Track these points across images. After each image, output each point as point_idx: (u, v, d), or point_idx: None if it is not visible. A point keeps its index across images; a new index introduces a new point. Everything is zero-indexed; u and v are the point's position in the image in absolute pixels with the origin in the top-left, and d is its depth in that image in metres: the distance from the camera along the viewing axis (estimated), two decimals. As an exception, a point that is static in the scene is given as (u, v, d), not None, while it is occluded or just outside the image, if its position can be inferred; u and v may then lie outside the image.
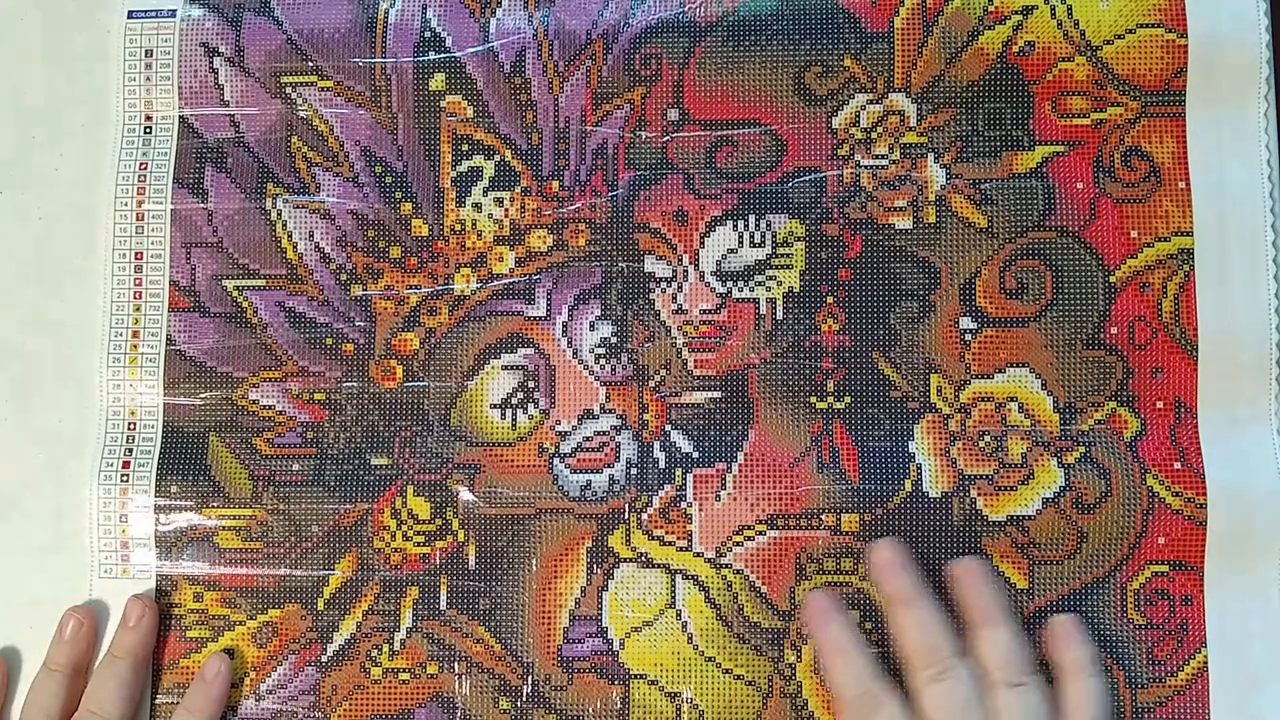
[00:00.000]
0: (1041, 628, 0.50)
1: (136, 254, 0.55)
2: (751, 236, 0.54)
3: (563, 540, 0.53)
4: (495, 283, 0.54)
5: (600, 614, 0.53)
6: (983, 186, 0.53)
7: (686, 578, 0.53)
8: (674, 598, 0.53)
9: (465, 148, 0.55)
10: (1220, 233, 0.52)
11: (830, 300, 0.53)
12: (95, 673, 0.52)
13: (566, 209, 0.54)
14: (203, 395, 0.54)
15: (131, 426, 0.54)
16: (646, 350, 0.54)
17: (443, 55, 0.55)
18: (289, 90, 0.56)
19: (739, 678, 0.52)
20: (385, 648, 0.53)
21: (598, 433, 0.53)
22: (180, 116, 0.56)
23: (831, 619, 0.50)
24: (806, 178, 0.54)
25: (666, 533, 0.53)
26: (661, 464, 0.53)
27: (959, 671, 0.48)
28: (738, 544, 0.52)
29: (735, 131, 0.54)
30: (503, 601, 0.53)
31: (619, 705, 0.52)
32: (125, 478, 0.54)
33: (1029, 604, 0.51)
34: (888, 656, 0.51)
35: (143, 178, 0.56)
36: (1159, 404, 0.52)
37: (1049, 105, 0.53)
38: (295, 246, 0.55)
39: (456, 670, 0.53)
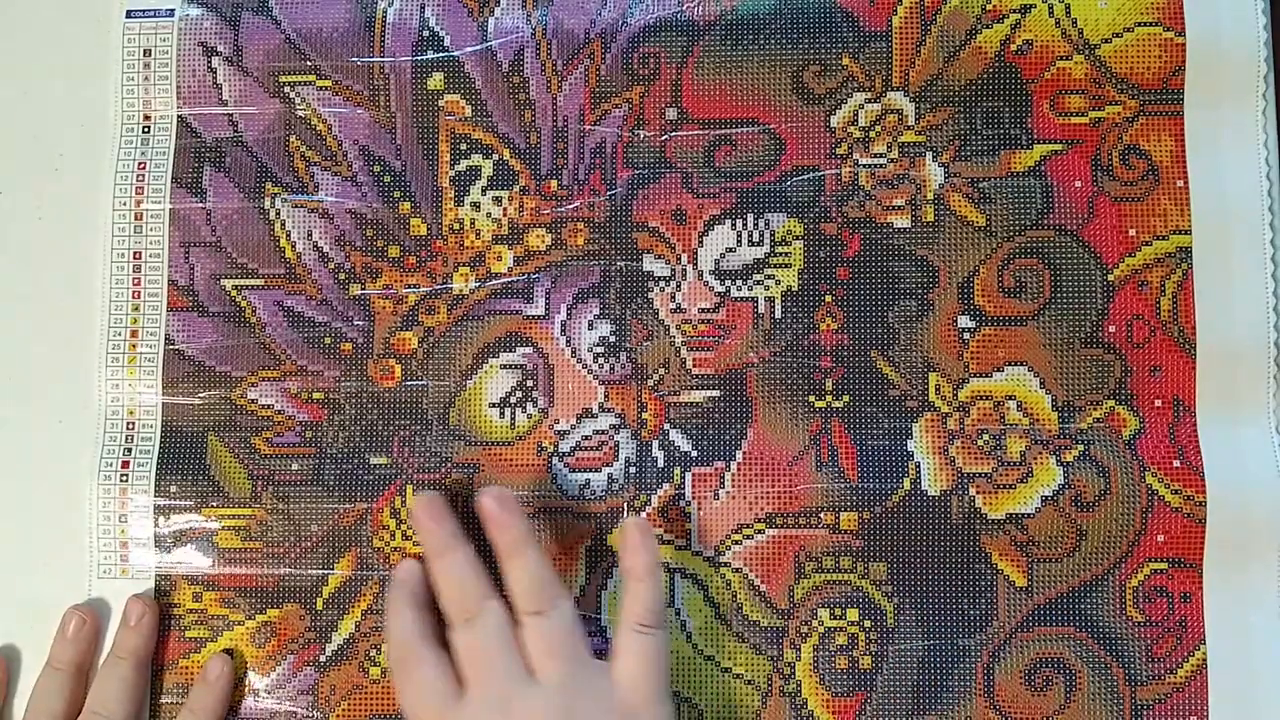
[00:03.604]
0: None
1: (135, 253, 0.55)
2: (750, 235, 0.54)
3: (562, 539, 0.53)
4: (494, 282, 0.54)
5: (600, 613, 0.53)
6: (981, 185, 0.53)
7: (685, 576, 0.53)
8: (673, 596, 0.53)
9: (464, 147, 0.55)
10: (1219, 231, 0.52)
11: (829, 299, 0.53)
12: (99, 673, 0.52)
13: (565, 208, 0.54)
14: (201, 395, 0.54)
15: (130, 426, 0.55)
16: (645, 349, 0.54)
17: (441, 54, 0.55)
18: (287, 89, 0.56)
19: (738, 676, 0.52)
20: (384, 647, 0.53)
21: (596, 432, 0.53)
22: (179, 116, 0.56)
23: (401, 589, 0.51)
24: (805, 176, 0.54)
25: (665, 531, 0.53)
26: (660, 463, 0.53)
27: (488, 612, 0.48)
28: (736, 543, 0.52)
29: (733, 130, 0.54)
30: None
31: (618, 704, 0.52)
32: (125, 478, 0.54)
33: (1028, 602, 0.51)
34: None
35: (141, 177, 0.56)
36: (1157, 402, 0.52)
37: (1047, 104, 0.53)
38: (294, 246, 0.55)
39: (456, 669, 0.53)
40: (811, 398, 0.53)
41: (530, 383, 0.54)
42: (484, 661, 0.47)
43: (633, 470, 0.53)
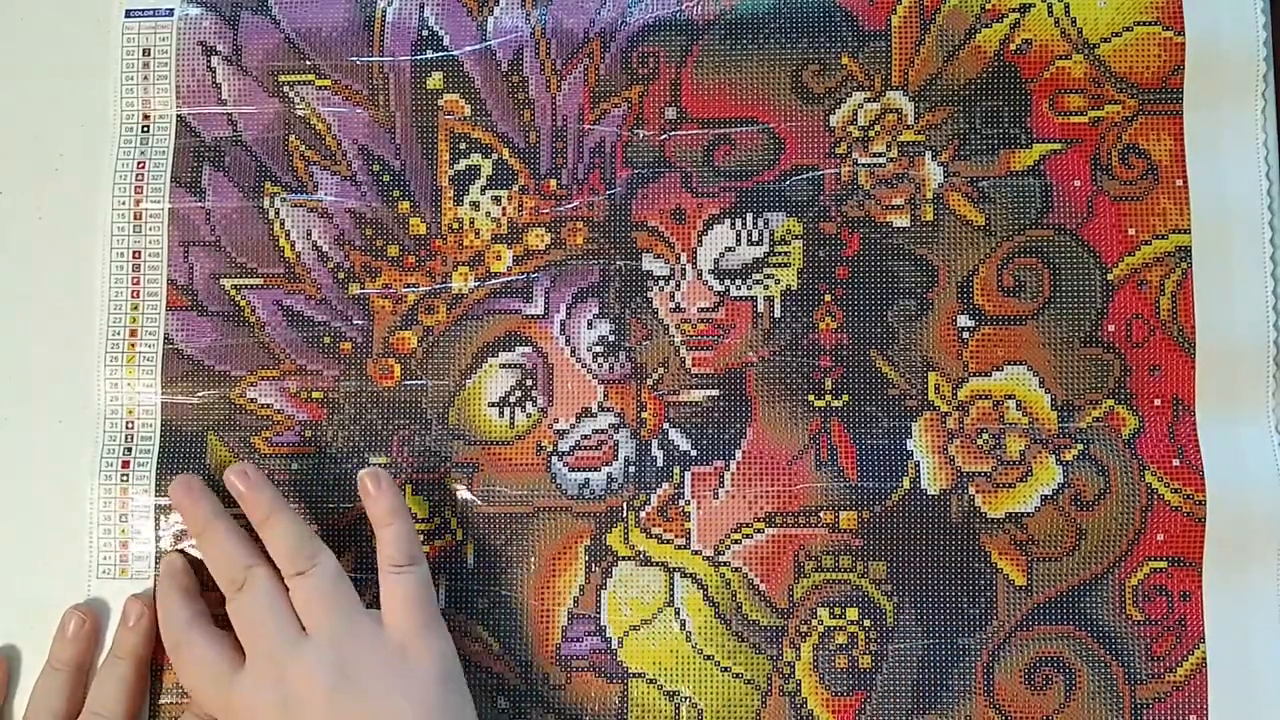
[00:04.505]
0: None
1: (134, 253, 0.55)
2: (749, 235, 0.54)
3: (561, 539, 0.53)
4: (493, 281, 0.54)
5: (599, 612, 0.53)
6: (980, 184, 0.53)
7: (685, 576, 0.53)
8: (672, 596, 0.53)
9: (463, 146, 0.55)
10: (1218, 230, 0.52)
11: (828, 298, 0.53)
12: (98, 673, 0.52)
13: (564, 207, 0.54)
14: (201, 394, 0.54)
15: (130, 426, 0.54)
16: (645, 348, 0.54)
17: (440, 54, 0.55)
18: (287, 89, 0.56)
19: (737, 676, 0.52)
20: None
21: (596, 431, 0.53)
22: (178, 115, 0.56)
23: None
24: (804, 176, 0.54)
25: (665, 531, 0.53)
26: (660, 462, 0.53)
27: (254, 578, 0.49)
28: (736, 542, 0.52)
29: (733, 130, 0.54)
30: (501, 600, 0.53)
31: (617, 704, 0.52)
32: (125, 477, 0.54)
33: (1028, 601, 0.51)
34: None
35: (140, 177, 0.56)
36: (1156, 401, 0.52)
37: (1046, 103, 0.53)
38: (293, 245, 0.55)
39: (455, 669, 0.53)
40: (811, 397, 0.53)
41: (529, 382, 0.54)
42: (255, 626, 0.49)
43: (632, 469, 0.53)
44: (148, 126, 0.56)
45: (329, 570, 0.49)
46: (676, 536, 0.53)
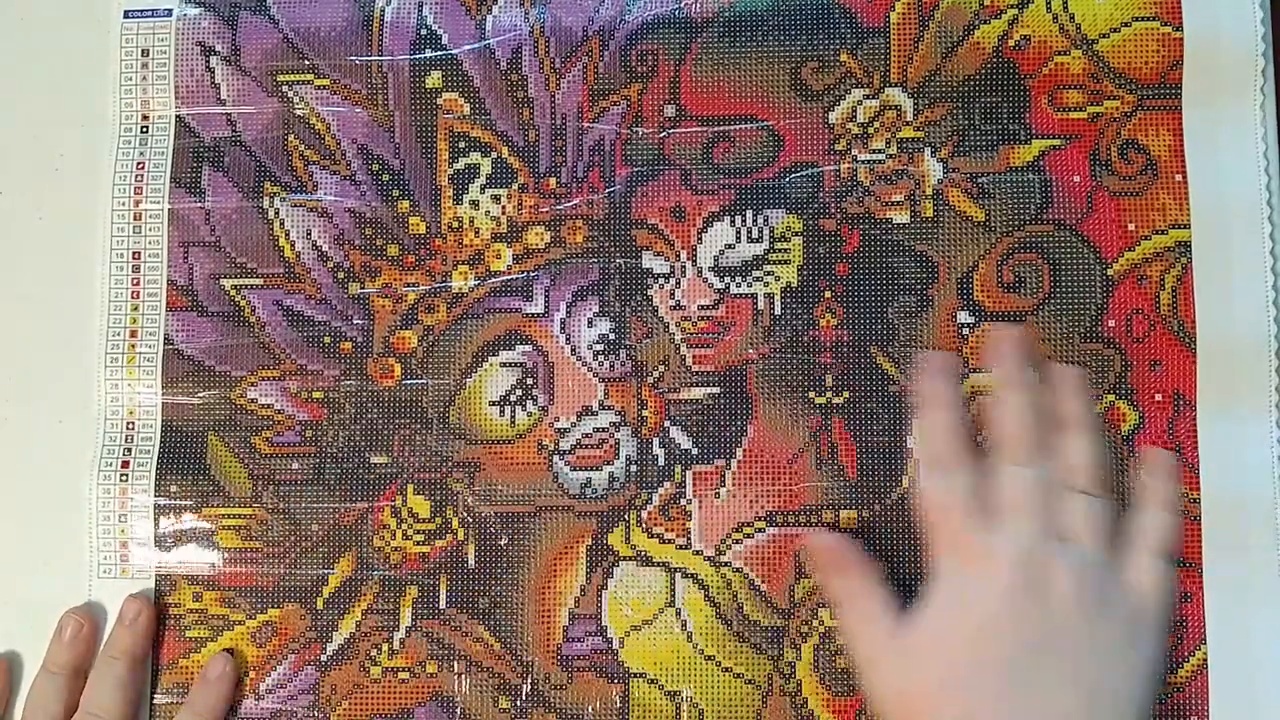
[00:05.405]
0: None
1: (134, 253, 0.55)
2: (749, 232, 0.54)
3: (562, 538, 0.53)
4: (493, 280, 0.54)
5: (600, 612, 0.53)
6: (980, 180, 0.53)
7: (686, 576, 0.52)
8: (673, 596, 0.52)
9: (462, 145, 0.55)
10: (1217, 226, 0.52)
11: (828, 295, 0.53)
12: (93, 672, 0.52)
13: (564, 205, 0.54)
14: (201, 394, 0.54)
15: (130, 426, 0.55)
16: (645, 346, 0.54)
17: (439, 53, 0.55)
18: (286, 89, 0.56)
19: (738, 676, 0.52)
20: (385, 647, 0.53)
21: (597, 429, 0.53)
22: (177, 116, 0.56)
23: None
24: (803, 173, 0.54)
25: (666, 530, 0.53)
26: (661, 460, 0.53)
27: (1042, 468, 0.48)
28: (737, 541, 0.52)
29: (732, 127, 0.54)
30: (502, 600, 0.53)
31: (619, 704, 0.52)
32: (125, 477, 0.54)
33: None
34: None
35: (140, 177, 0.56)
36: (1158, 396, 0.52)
37: (1045, 99, 0.53)
38: (293, 245, 0.55)
39: (456, 669, 0.53)
40: (811, 394, 0.53)
41: (530, 381, 0.54)
42: (1026, 505, 0.47)
43: (634, 468, 0.53)
44: (147, 127, 0.56)
45: (1108, 508, 0.48)
46: (678, 536, 0.53)
